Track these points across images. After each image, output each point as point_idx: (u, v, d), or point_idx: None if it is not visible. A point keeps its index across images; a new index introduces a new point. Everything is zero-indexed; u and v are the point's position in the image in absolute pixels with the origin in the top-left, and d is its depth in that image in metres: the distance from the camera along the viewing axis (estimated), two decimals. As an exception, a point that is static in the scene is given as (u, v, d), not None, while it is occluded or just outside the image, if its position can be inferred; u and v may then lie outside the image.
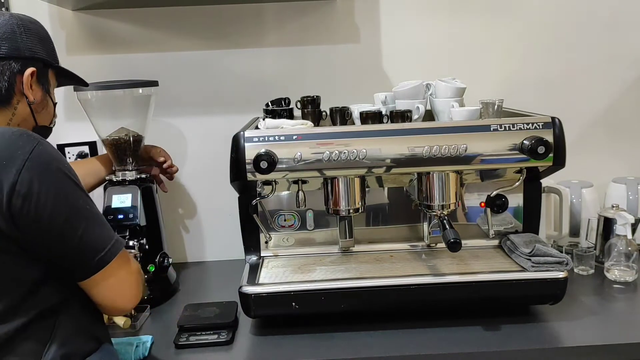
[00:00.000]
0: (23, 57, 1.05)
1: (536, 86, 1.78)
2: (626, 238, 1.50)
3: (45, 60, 1.10)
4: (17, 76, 1.05)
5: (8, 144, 0.93)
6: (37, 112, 1.10)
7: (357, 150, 1.28)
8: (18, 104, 1.06)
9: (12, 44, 1.04)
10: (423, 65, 1.76)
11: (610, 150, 1.83)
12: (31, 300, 0.94)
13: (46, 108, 1.13)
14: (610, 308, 1.37)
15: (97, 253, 0.98)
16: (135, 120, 1.59)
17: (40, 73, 1.09)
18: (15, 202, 0.90)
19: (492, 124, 1.30)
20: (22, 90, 1.06)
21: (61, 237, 0.95)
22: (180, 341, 1.27)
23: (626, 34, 1.77)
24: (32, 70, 1.06)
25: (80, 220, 0.97)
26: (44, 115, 1.12)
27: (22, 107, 1.07)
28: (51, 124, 1.16)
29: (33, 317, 0.94)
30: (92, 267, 0.99)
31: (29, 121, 1.09)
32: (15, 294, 0.93)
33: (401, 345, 1.21)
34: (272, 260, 1.46)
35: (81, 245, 0.97)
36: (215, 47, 1.74)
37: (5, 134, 0.95)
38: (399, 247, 1.48)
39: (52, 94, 1.14)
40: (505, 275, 1.28)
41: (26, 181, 0.90)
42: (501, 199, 1.40)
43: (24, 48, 1.06)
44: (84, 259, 0.98)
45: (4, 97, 1.04)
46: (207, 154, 1.78)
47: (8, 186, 0.89)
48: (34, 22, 1.10)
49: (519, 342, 1.21)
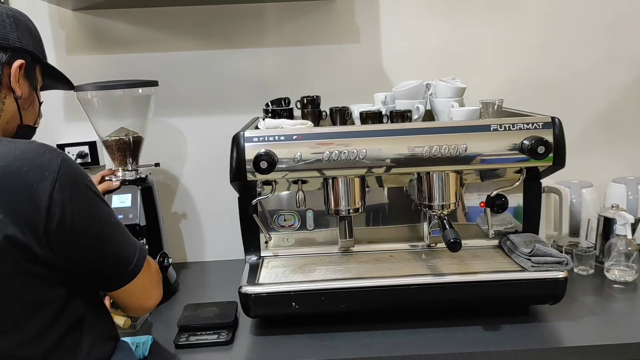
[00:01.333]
0: (12, 48, 1.01)
1: (536, 86, 1.78)
2: (626, 238, 1.50)
3: (34, 54, 1.06)
4: (4, 68, 1.00)
5: (35, 165, 0.88)
6: (23, 109, 1.05)
7: (357, 150, 1.28)
8: (5, 99, 1.01)
9: (1, 33, 1.00)
10: (423, 65, 1.76)
11: (610, 150, 1.83)
12: (62, 317, 0.93)
13: (32, 105, 1.08)
14: (610, 308, 1.37)
15: (129, 263, 0.99)
16: (135, 120, 1.59)
17: (28, 67, 1.05)
18: (51, 226, 0.87)
19: (492, 124, 1.30)
20: (9, 84, 1.00)
21: (94, 253, 0.94)
22: (180, 341, 1.27)
23: (626, 34, 1.77)
24: (20, 62, 1.01)
25: (110, 234, 0.96)
26: (30, 113, 1.08)
27: (9, 102, 1.02)
28: (35, 124, 1.11)
29: (64, 332, 0.93)
30: (125, 278, 0.99)
31: (15, 118, 1.04)
32: (47, 315, 0.90)
33: (401, 345, 1.21)
34: (272, 260, 1.46)
35: (114, 258, 0.97)
36: (215, 47, 1.74)
37: (27, 151, 0.89)
38: (398, 247, 1.49)
39: (38, 91, 1.10)
40: (505, 275, 1.28)
41: (59, 204, 0.87)
42: (501, 198, 1.40)
43: (13, 38, 1.01)
44: (118, 271, 0.99)
45: None
46: (207, 154, 1.78)
47: (44, 211, 0.86)
48: (24, 15, 1.07)
49: (519, 342, 1.21)
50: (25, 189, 0.86)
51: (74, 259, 0.92)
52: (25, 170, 0.87)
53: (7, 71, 1.00)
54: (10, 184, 0.86)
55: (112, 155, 1.59)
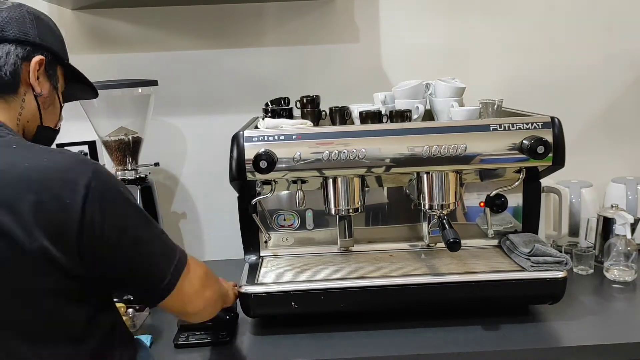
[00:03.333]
0: (31, 43, 0.97)
1: (536, 86, 1.78)
2: (625, 238, 1.50)
3: (55, 52, 1.02)
4: (23, 63, 0.97)
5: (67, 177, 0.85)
6: (44, 109, 1.01)
7: (356, 150, 1.28)
8: (25, 95, 0.98)
9: (21, 27, 0.97)
10: (423, 64, 1.76)
11: (609, 150, 1.83)
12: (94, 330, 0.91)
13: (53, 106, 1.04)
14: (609, 308, 1.37)
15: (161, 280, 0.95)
16: (134, 120, 1.59)
17: (49, 65, 1.01)
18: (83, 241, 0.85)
19: (492, 123, 1.30)
20: (27, 80, 0.98)
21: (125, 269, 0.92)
22: (180, 341, 1.27)
23: (626, 35, 1.77)
24: (40, 58, 0.98)
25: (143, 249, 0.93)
26: (50, 114, 1.04)
27: (29, 99, 0.99)
28: (56, 126, 1.08)
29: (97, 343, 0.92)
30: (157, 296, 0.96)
31: (35, 118, 1.01)
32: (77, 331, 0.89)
33: (401, 345, 1.21)
34: (272, 259, 1.46)
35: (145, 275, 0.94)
36: (214, 47, 1.74)
37: (59, 162, 0.87)
38: (398, 246, 1.48)
39: (59, 93, 1.06)
40: (504, 275, 1.28)
41: (91, 216, 0.85)
42: (500, 198, 1.40)
43: (33, 34, 0.98)
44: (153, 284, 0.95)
45: (10, 84, 0.96)
46: (207, 153, 1.77)
47: (76, 226, 0.84)
48: (46, 16, 1.04)
49: (519, 342, 1.21)
50: (57, 201, 0.83)
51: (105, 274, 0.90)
52: (57, 182, 0.85)
53: (26, 67, 0.97)
54: (43, 196, 0.83)
55: (111, 154, 1.59)
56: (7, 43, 0.95)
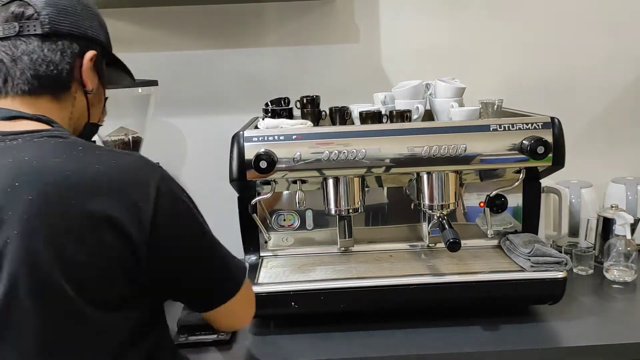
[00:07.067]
0: (85, 37, 0.92)
1: (536, 86, 1.78)
2: (625, 238, 1.50)
3: (104, 46, 0.98)
4: (76, 59, 0.91)
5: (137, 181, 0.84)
6: (92, 106, 0.97)
7: (356, 150, 1.28)
8: (76, 93, 0.93)
9: (74, 20, 0.91)
10: (422, 65, 1.76)
11: (609, 150, 1.83)
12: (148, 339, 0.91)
13: (99, 102, 1.00)
14: (609, 308, 1.37)
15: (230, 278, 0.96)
16: (134, 120, 1.59)
17: (98, 60, 0.96)
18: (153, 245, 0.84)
19: (492, 124, 1.30)
20: (80, 77, 0.92)
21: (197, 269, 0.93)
22: (180, 340, 1.27)
23: (626, 35, 1.77)
24: (93, 53, 0.93)
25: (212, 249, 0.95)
26: (96, 109, 1.00)
27: (79, 98, 0.94)
28: (100, 121, 1.04)
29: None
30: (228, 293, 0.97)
31: (84, 116, 0.96)
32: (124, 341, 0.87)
33: (401, 345, 1.21)
34: (272, 260, 1.46)
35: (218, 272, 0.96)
36: (215, 47, 1.74)
37: (128, 165, 0.85)
38: (398, 247, 1.48)
39: (105, 87, 1.02)
40: (504, 275, 1.28)
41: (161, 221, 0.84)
42: (500, 198, 1.40)
43: (86, 27, 0.92)
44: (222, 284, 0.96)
45: (65, 82, 0.90)
46: (207, 153, 1.77)
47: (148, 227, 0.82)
48: (93, 6, 0.98)
49: (519, 342, 1.21)
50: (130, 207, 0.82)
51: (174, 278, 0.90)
52: (129, 187, 0.83)
53: (79, 63, 0.92)
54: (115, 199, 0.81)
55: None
56: (62, 38, 0.90)
